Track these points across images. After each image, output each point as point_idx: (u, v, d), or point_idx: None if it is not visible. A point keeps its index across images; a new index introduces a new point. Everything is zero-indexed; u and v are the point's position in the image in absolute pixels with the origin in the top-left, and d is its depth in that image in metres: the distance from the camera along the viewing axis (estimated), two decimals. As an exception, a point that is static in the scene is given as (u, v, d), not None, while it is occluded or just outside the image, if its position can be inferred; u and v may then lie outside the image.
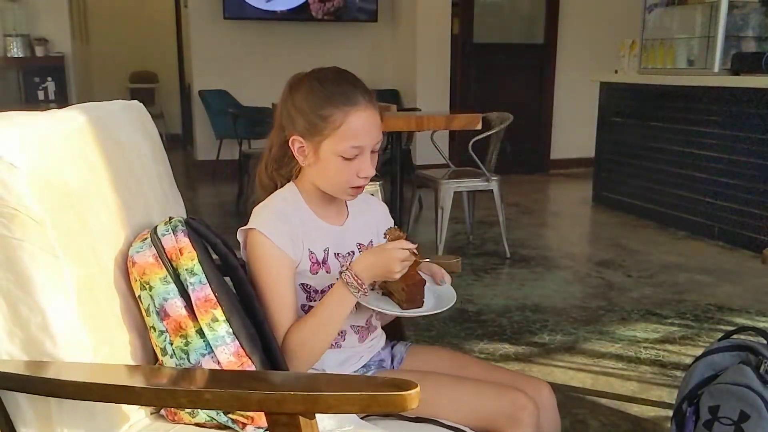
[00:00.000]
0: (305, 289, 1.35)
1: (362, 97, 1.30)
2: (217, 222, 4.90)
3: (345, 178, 1.31)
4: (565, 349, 2.75)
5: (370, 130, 1.31)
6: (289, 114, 1.33)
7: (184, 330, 1.12)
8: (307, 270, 1.33)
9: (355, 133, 1.28)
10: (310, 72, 1.35)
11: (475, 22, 6.85)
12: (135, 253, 1.15)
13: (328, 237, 1.37)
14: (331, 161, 1.30)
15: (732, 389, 1.62)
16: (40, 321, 1.04)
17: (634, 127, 5.15)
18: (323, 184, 1.34)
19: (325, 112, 1.28)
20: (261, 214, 1.32)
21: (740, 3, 4.70)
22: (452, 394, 1.34)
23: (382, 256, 1.24)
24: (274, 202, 1.35)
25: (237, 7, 6.47)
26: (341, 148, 1.28)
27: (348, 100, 1.28)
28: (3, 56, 5.97)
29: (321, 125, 1.28)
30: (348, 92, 1.29)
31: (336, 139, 1.28)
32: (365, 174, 1.31)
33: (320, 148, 1.30)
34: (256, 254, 1.29)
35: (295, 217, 1.33)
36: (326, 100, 1.28)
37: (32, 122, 1.12)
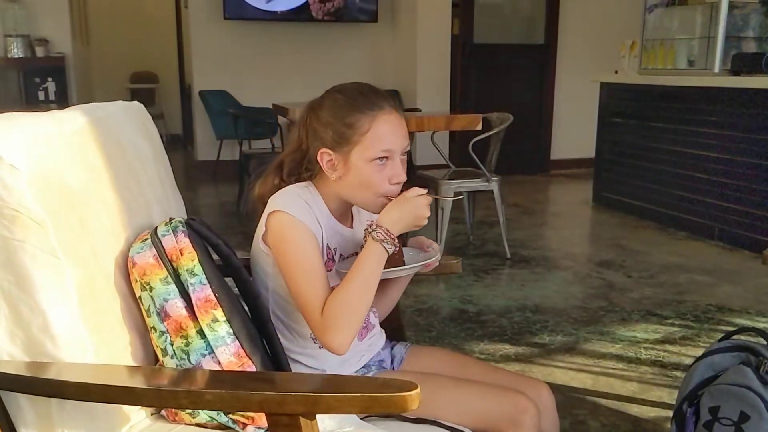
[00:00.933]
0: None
1: (386, 102, 1.31)
2: (217, 222, 4.91)
3: (378, 187, 1.30)
4: (565, 350, 2.75)
5: (397, 133, 1.30)
6: (314, 131, 1.32)
7: (185, 330, 1.12)
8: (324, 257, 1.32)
9: (383, 137, 1.28)
10: (330, 89, 1.35)
11: (475, 23, 6.85)
12: (135, 254, 1.15)
13: (339, 238, 1.37)
14: (362, 169, 1.29)
15: (732, 390, 1.62)
16: (41, 322, 1.04)
17: (635, 128, 5.15)
18: (354, 195, 1.33)
19: (351, 120, 1.28)
20: (282, 198, 1.30)
21: (740, 3, 4.70)
22: (453, 395, 1.34)
23: (408, 205, 1.25)
24: (293, 189, 1.33)
25: (237, 8, 6.47)
26: (371, 153, 1.28)
27: (373, 105, 1.29)
28: (3, 56, 5.97)
29: (348, 133, 1.28)
30: (371, 98, 1.30)
31: (365, 145, 1.28)
32: (397, 179, 1.30)
33: (350, 158, 1.29)
34: (283, 233, 1.27)
35: (316, 210, 1.32)
36: (351, 108, 1.28)
37: (33, 123, 1.12)
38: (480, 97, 6.79)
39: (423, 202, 1.25)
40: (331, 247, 1.34)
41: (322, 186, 1.35)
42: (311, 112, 1.34)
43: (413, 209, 1.25)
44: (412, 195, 1.25)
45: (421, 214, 1.25)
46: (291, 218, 1.26)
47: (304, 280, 1.25)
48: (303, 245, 1.26)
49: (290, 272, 1.26)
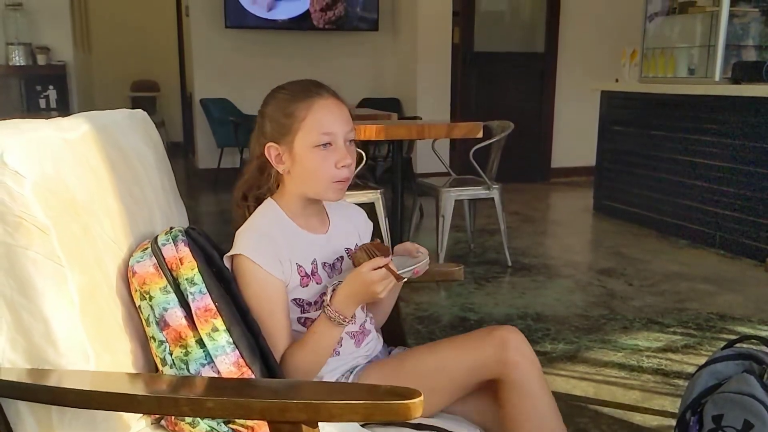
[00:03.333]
0: (298, 303, 1.34)
1: (324, 90, 1.33)
2: (218, 230, 4.90)
3: (325, 172, 1.31)
4: (567, 358, 2.74)
5: (336, 117, 1.32)
6: (260, 128, 1.35)
7: (184, 340, 1.11)
8: (297, 285, 1.33)
9: (321, 121, 1.30)
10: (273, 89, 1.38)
11: (475, 31, 6.86)
12: (135, 263, 1.14)
13: (314, 248, 1.37)
14: (306, 157, 1.30)
15: (736, 398, 1.61)
16: (43, 329, 1.04)
17: (635, 136, 5.16)
18: (306, 186, 1.34)
19: (291, 109, 1.30)
20: (244, 238, 1.31)
21: (740, 12, 4.72)
22: (435, 359, 1.35)
23: (359, 283, 1.23)
24: (254, 223, 1.35)
25: (238, 16, 6.49)
26: (312, 138, 1.29)
27: (309, 93, 1.31)
28: (5, 64, 5.98)
29: (288, 122, 1.30)
30: (308, 87, 1.33)
31: (305, 131, 1.29)
32: (343, 162, 1.31)
33: (293, 147, 1.30)
34: (246, 280, 1.28)
35: (279, 234, 1.33)
36: (289, 99, 1.31)
37: (37, 130, 1.12)
38: (480, 106, 6.80)
39: (375, 277, 1.22)
40: (304, 265, 1.34)
41: (282, 196, 1.37)
42: (259, 113, 1.37)
43: (366, 289, 1.23)
44: (366, 270, 1.22)
45: (374, 291, 1.23)
46: (254, 266, 1.27)
47: (266, 327, 1.27)
48: (266, 295, 1.28)
49: (255, 316, 1.27)
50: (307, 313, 1.35)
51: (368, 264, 1.23)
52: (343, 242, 1.43)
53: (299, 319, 1.35)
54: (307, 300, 1.34)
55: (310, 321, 1.34)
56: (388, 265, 1.22)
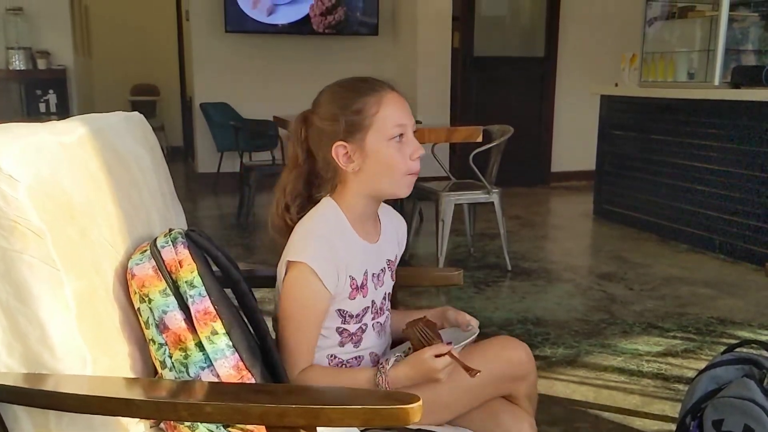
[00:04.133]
0: (341, 314, 1.33)
1: (386, 83, 1.32)
2: (218, 234, 4.90)
3: (401, 165, 1.29)
4: (567, 363, 2.73)
5: (405, 109, 1.31)
6: (319, 132, 1.30)
7: (184, 343, 1.11)
8: (345, 297, 1.31)
9: (394, 113, 1.28)
10: (323, 90, 1.35)
11: (475, 36, 6.87)
12: (134, 266, 1.14)
13: (367, 258, 1.36)
14: (381, 151, 1.28)
15: (736, 403, 1.61)
16: (39, 333, 1.03)
17: (635, 140, 5.16)
18: (379, 182, 1.31)
19: (358, 105, 1.27)
20: (308, 245, 1.28)
21: (740, 17, 4.73)
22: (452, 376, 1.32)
23: (422, 369, 1.24)
24: (317, 228, 1.31)
25: (238, 21, 6.49)
26: (387, 132, 1.27)
27: (375, 87, 1.29)
28: (5, 69, 5.99)
29: (358, 119, 1.27)
30: (371, 82, 1.31)
31: (378, 125, 1.27)
32: (418, 153, 1.30)
33: (365, 144, 1.27)
34: (297, 289, 1.26)
35: (340, 244, 1.30)
36: (355, 95, 1.28)
37: (32, 134, 1.11)
38: (480, 110, 6.80)
39: (439, 365, 1.22)
40: (357, 277, 1.33)
41: (343, 199, 1.33)
42: (305, 120, 1.33)
43: (428, 372, 1.23)
44: (429, 356, 1.22)
45: (436, 377, 1.24)
46: (314, 279, 1.24)
47: (294, 339, 1.27)
48: (312, 311, 1.28)
49: (288, 324, 1.27)
50: (346, 324, 1.33)
51: (431, 350, 1.23)
52: (388, 252, 1.42)
53: (338, 329, 1.33)
54: (350, 312, 1.33)
55: (347, 333, 1.34)
56: (451, 353, 1.23)
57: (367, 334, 1.38)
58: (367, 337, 1.38)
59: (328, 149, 1.29)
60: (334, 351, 1.35)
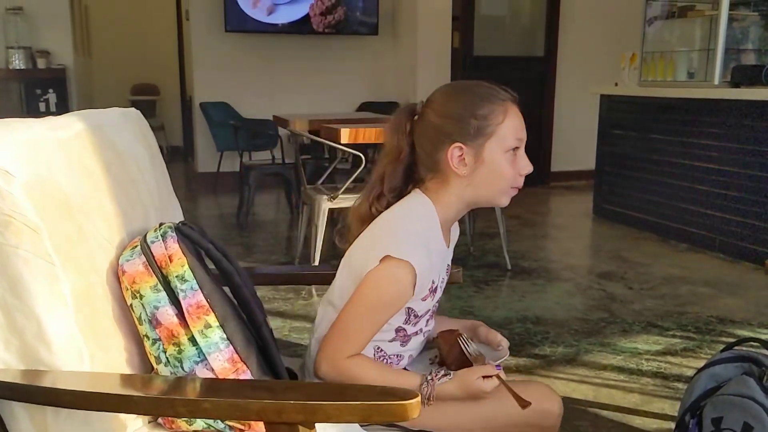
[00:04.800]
0: (408, 312, 1.31)
1: (508, 93, 1.30)
2: (217, 234, 4.89)
3: (510, 177, 1.29)
4: (566, 361, 2.73)
5: (523, 124, 1.30)
6: (437, 129, 1.27)
7: (177, 338, 1.10)
8: (420, 297, 1.30)
9: (515, 126, 1.28)
10: (438, 88, 1.32)
11: (475, 36, 6.87)
12: (125, 262, 1.13)
13: (443, 260, 1.36)
14: (497, 160, 1.26)
15: (735, 401, 1.60)
16: (36, 329, 1.03)
17: (635, 140, 5.16)
18: (484, 190, 1.29)
19: (484, 111, 1.25)
20: (412, 243, 1.25)
21: (740, 16, 4.73)
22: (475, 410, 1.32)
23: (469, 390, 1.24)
24: (417, 225, 1.29)
25: (238, 20, 6.49)
26: (507, 143, 1.26)
27: (501, 96, 1.27)
28: (5, 68, 5.99)
29: (483, 125, 1.25)
30: (496, 90, 1.29)
31: (500, 135, 1.26)
32: (527, 170, 1.30)
33: (484, 150, 1.26)
34: (390, 283, 1.23)
35: (433, 246, 1.29)
36: (482, 100, 1.26)
37: (28, 129, 1.11)
38: (480, 110, 6.79)
39: (487, 387, 1.23)
40: (435, 280, 1.32)
41: (440, 199, 1.30)
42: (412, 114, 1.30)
43: (474, 393, 1.24)
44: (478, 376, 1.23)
45: (482, 397, 1.25)
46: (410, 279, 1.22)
47: (360, 324, 1.26)
48: (388, 310, 1.26)
49: (356, 308, 1.25)
50: (407, 324, 1.32)
51: (480, 371, 1.24)
52: (450, 257, 1.42)
53: (397, 328, 1.32)
54: (417, 312, 1.32)
55: (404, 333, 1.33)
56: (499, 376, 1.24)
57: (416, 338, 1.38)
58: (415, 340, 1.38)
59: (440, 147, 1.26)
60: (382, 344, 1.34)
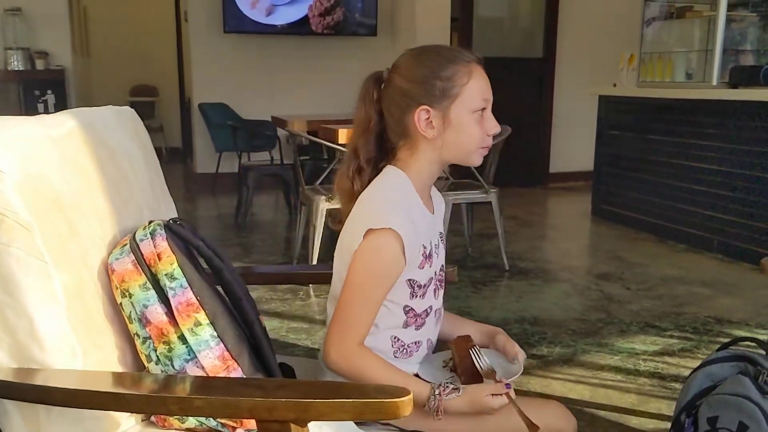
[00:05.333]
0: (411, 284, 1.30)
1: (474, 55, 1.30)
2: (216, 234, 4.90)
3: (477, 138, 1.28)
4: (563, 362, 2.73)
5: (488, 84, 1.30)
6: (403, 94, 1.27)
7: (166, 336, 1.10)
8: (416, 266, 1.29)
9: (481, 87, 1.28)
10: (404, 53, 1.32)
11: (474, 37, 6.87)
12: (114, 261, 1.12)
13: (431, 227, 1.35)
14: (464, 121, 1.27)
15: (731, 400, 1.60)
16: (28, 326, 1.03)
17: (633, 140, 5.16)
18: (454, 151, 1.29)
19: (449, 72, 1.25)
20: (391, 211, 1.24)
21: (738, 17, 4.73)
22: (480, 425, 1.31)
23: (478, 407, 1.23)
24: (393, 194, 1.28)
25: (237, 21, 6.49)
26: (474, 103, 1.27)
27: (466, 57, 1.28)
28: (3, 69, 5.99)
29: (448, 86, 1.25)
30: (461, 51, 1.29)
31: (466, 96, 1.26)
32: (494, 130, 1.30)
33: (450, 112, 1.26)
34: (378, 254, 1.22)
35: (414, 211, 1.29)
36: (447, 61, 1.26)
37: (21, 127, 1.11)
38: (479, 110, 6.79)
39: (495, 405, 1.23)
40: (428, 243, 1.32)
41: (410, 166, 1.30)
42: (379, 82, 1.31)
43: (482, 410, 1.24)
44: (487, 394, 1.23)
45: (490, 413, 1.24)
46: (398, 246, 1.21)
47: (356, 305, 1.24)
48: (386, 281, 1.25)
49: (353, 291, 1.24)
50: (414, 298, 1.31)
51: (489, 389, 1.24)
52: (439, 225, 1.42)
53: (405, 307, 1.31)
54: (419, 282, 1.31)
55: (414, 313, 1.32)
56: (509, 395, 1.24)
57: (428, 319, 1.37)
58: (429, 322, 1.37)
59: (408, 112, 1.27)
60: (398, 333, 1.33)
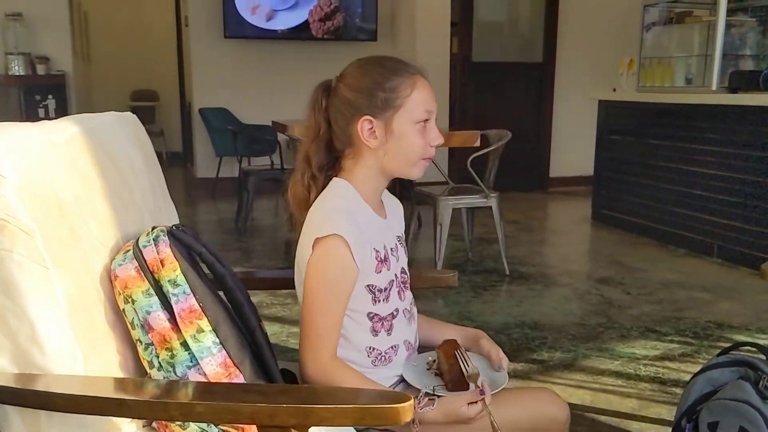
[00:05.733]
0: (370, 289, 1.31)
1: (418, 66, 1.32)
2: (216, 239, 4.90)
3: (420, 149, 1.30)
4: (564, 366, 2.73)
5: (433, 96, 1.32)
6: (347, 103, 1.29)
7: (169, 343, 1.10)
8: (372, 270, 1.30)
9: (424, 99, 1.29)
10: (351, 62, 1.34)
11: (474, 42, 6.89)
12: (117, 267, 1.12)
13: (383, 232, 1.36)
14: (406, 132, 1.28)
15: (731, 405, 1.60)
16: (29, 332, 1.03)
17: (633, 145, 5.16)
18: (396, 162, 1.31)
19: (393, 84, 1.27)
20: (336, 218, 1.25)
21: (737, 22, 4.74)
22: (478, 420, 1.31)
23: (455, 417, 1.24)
24: (335, 204, 1.30)
25: (238, 26, 6.50)
26: (416, 115, 1.28)
27: (410, 68, 1.30)
28: (4, 74, 6.00)
29: (391, 97, 1.27)
30: (406, 63, 1.31)
31: (409, 107, 1.28)
32: (437, 141, 1.31)
33: (392, 122, 1.27)
34: (328, 262, 1.24)
35: (361, 217, 1.30)
36: (390, 72, 1.28)
37: (22, 132, 1.11)
38: (479, 115, 6.81)
39: (473, 413, 1.24)
40: (381, 247, 1.33)
41: (354, 176, 1.32)
42: (327, 90, 1.32)
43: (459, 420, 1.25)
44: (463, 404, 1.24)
45: (468, 422, 1.25)
46: (346, 251, 1.23)
47: (322, 321, 1.25)
48: (342, 287, 1.26)
49: (311, 302, 1.25)
50: (377, 303, 1.32)
51: (465, 398, 1.25)
52: (396, 229, 1.44)
53: (369, 314, 1.32)
54: (379, 287, 1.32)
55: (378, 317, 1.33)
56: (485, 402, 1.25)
57: (398, 320, 1.37)
58: (398, 323, 1.37)
59: (352, 121, 1.29)
60: (371, 342, 1.33)
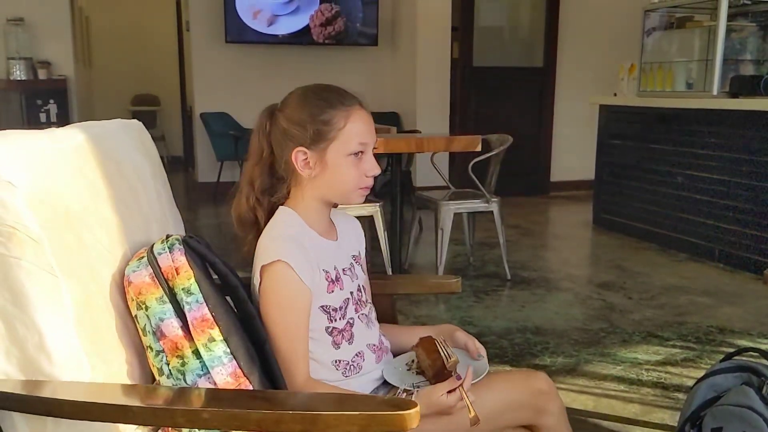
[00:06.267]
0: (325, 310, 1.33)
1: (356, 99, 1.34)
2: (217, 244, 4.88)
3: (355, 180, 1.32)
4: (566, 372, 2.73)
5: (370, 127, 1.33)
6: (283, 132, 1.32)
7: (180, 350, 1.11)
8: (324, 291, 1.32)
9: (359, 132, 1.31)
10: (293, 91, 1.36)
11: (474, 46, 6.89)
12: (131, 273, 1.14)
13: (333, 253, 1.38)
14: (340, 164, 1.30)
15: (735, 411, 1.60)
16: (37, 340, 1.03)
17: (634, 150, 5.17)
18: (332, 191, 1.34)
19: (327, 117, 1.29)
20: (277, 246, 1.29)
21: (738, 27, 4.74)
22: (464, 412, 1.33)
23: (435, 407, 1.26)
24: (281, 231, 1.33)
25: (239, 31, 6.52)
26: (349, 147, 1.30)
27: (345, 101, 1.31)
28: (5, 79, 6.01)
29: (325, 130, 1.29)
30: (342, 95, 1.33)
31: (342, 140, 1.29)
32: (373, 172, 1.33)
33: (326, 154, 1.30)
34: (278, 288, 1.26)
35: (307, 242, 1.32)
36: (325, 105, 1.30)
37: (30, 140, 1.12)
38: (480, 120, 6.82)
39: (452, 401, 1.25)
40: (330, 268, 1.35)
41: (297, 203, 1.35)
42: (271, 117, 1.35)
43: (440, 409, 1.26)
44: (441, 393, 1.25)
45: (448, 412, 1.27)
46: (293, 275, 1.25)
47: (289, 346, 1.27)
48: (297, 308, 1.28)
49: (277, 331, 1.27)
50: (333, 322, 1.34)
51: (443, 387, 1.26)
52: (351, 249, 1.45)
53: (326, 328, 1.34)
54: (333, 306, 1.34)
55: (336, 330, 1.34)
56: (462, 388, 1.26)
57: (356, 327, 1.38)
58: (358, 330, 1.39)
59: (287, 151, 1.31)
60: (335, 356, 1.35)
